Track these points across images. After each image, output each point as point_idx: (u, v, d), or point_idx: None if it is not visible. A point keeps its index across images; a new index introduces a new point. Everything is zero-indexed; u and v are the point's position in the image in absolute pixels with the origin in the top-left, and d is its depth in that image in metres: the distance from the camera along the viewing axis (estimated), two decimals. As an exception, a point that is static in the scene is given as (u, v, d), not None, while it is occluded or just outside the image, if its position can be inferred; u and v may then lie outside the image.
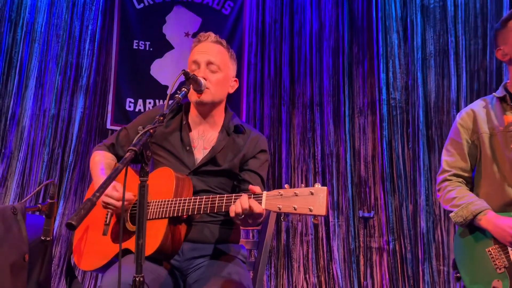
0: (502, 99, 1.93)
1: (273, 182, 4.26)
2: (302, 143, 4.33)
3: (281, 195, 1.37)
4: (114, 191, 1.64)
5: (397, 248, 3.84)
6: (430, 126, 3.81)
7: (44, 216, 1.86)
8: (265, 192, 1.42)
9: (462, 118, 2.00)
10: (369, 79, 4.24)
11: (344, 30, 4.41)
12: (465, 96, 3.61)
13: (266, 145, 1.88)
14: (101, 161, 1.83)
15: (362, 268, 3.92)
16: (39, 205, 1.83)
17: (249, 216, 1.43)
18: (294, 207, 1.34)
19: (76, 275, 3.81)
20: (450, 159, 1.97)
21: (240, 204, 1.42)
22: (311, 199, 1.32)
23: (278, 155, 4.33)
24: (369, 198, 4.06)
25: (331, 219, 4.09)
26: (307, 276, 4.01)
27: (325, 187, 1.32)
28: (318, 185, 1.33)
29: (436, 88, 3.83)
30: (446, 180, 1.95)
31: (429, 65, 3.91)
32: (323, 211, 1.30)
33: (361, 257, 3.95)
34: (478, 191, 1.92)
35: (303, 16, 4.54)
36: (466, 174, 1.95)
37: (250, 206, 1.40)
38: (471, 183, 1.98)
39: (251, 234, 3.83)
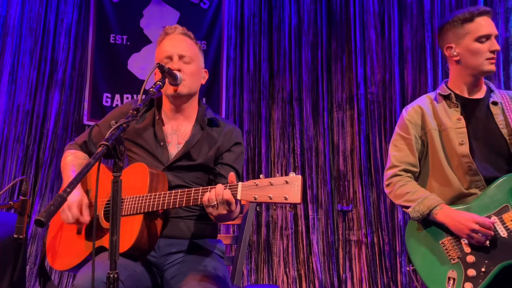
0: (446, 97, 1.97)
1: (253, 177, 4.26)
2: (282, 138, 4.34)
3: (256, 185, 1.37)
4: (77, 209, 1.60)
5: (375, 240, 3.90)
6: (407, 120, 3.87)
7: (16, 214, 1.82)
8: (240, 183, 1.41)
9: (409, 113, 2.00)
10: (347, 74, 4.28)
11: (323, 26, 4.43)
12: (441, 90, 3.67)
13: (241, 137, 1.86)
14: (72, 161, 1.78)
15: (341, 261, 3.96)
16: (11, 203, 1.79)
17: (223, 205, 1.42)
18: (270, 196, 1.34)
19: (53, 274, 3.75)
20: (399, 154, 1.98)
21: (214, 191, 1.43)
22: (286, 188, 1.33)
23: (258, 150, 4.33)
24: (348, 191, 4.11)
25: (310, 212, 4.12)
26: (287, 269, 4.04)
27: (300, 176, 1.33)
28: (292, 174, 1.34)
29: (413, 82, 3.89)
30: (396, 175, 1.95)
31: (406, 60, 3.97)
32: (297, 199, 1.31)
33: (340, 250, 4.00)
34: (424, 186, 1.95)
35: (282, 11, 4.53)
36: (414, 169, 1.97)
37: (223, 194, 1.40)
38: (417, 178, 2.00)
39: (231, 229, 3.83)
